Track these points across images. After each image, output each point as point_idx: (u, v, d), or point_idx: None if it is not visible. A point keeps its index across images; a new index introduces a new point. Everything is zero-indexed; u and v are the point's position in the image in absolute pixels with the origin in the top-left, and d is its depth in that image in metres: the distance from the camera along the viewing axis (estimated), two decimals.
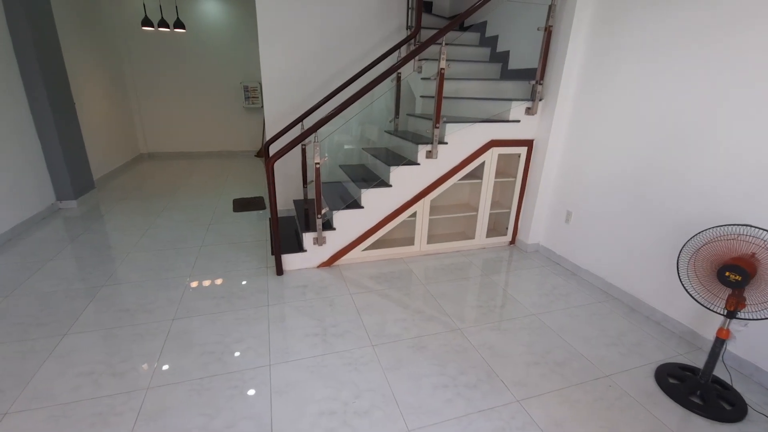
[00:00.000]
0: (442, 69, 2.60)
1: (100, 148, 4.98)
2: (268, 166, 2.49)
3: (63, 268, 2.77)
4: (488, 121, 2.88)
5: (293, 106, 3.56)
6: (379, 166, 3.06)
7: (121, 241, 3.25)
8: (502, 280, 2.77)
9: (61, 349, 1.94)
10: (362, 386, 1.75)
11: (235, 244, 3.22)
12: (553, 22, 2.71)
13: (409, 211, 2.94)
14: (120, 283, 2.58)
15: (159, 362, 1.87)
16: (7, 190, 3.23)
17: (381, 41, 3.62)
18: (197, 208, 4.12)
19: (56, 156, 3.77)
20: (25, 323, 2.13)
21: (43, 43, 3.57)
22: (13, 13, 3.29)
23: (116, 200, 4.32)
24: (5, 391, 1.66)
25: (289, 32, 3.35)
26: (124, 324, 2.16)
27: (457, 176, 2.96)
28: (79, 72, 4.54)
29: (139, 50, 5.97)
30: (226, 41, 6.26)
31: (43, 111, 3.60)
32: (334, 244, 2.85)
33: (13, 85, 3.38)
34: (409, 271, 2.86)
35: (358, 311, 2.34)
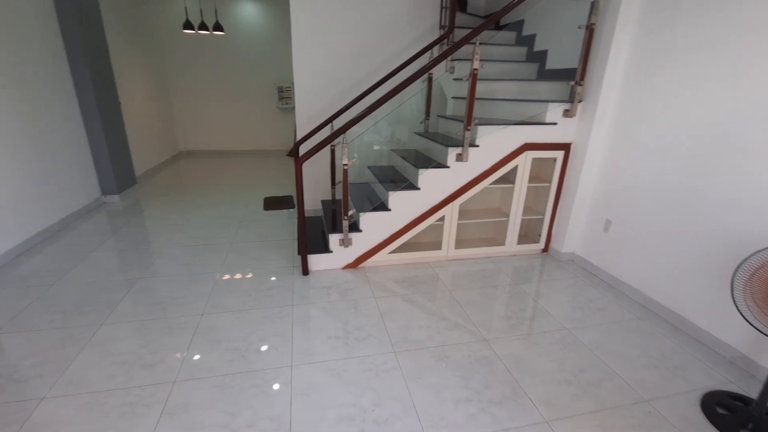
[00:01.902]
0: (476, 69, 2.52)
1: (142, 145, 5.24)
2: (297, 166, 2.50)
3: (104, 259, 2.91)
4: (522, 124, 2.77)
5: (324, 106, 3.58)
6: (407, 168, 3.02)
7: (158, 235, 3.39)
8: (533, 290, 2.65)
9: (98, 338, 2.03)
10: (383, 394, 1.72)
11: (264, 242, 3.28)
12: (595, 20, 2.56)
13: (437, 214, 2.88)
14: (155, 276, 2.68)
15: (186, 356, 1.92)
16: (58, 183, 3.44)
17: (413, 41, 3.57)
18: (229, 205, 4.24)
19: (102, 153, 3.99)
20: (67, 311, 2.26)
21: (92, 46, 3.79)
22: (65, 18, 3.51)
23: (156, 195, 4.51)
24: (44, 376, 1.76)
25: (321, 34, 3.36)
26: (157, 317, 2.23)
27: (488, 180, 2.86)
28: (124, 73, 4.78)
29: (180, 52, 6.23)
30: (262, 43, 6.41)
31: (90, 110, 3.82)
32: (360, 246, 2.83)
33: (65, 85, 3.60)
34: (435, 277, 2.80)
35: (382, 315, 2.31)
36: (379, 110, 2.64)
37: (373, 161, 3.81)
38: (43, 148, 3.27)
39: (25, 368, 1.81)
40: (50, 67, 3.39)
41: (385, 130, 3.87)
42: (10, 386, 1.70)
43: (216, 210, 4.07)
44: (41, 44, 3.29)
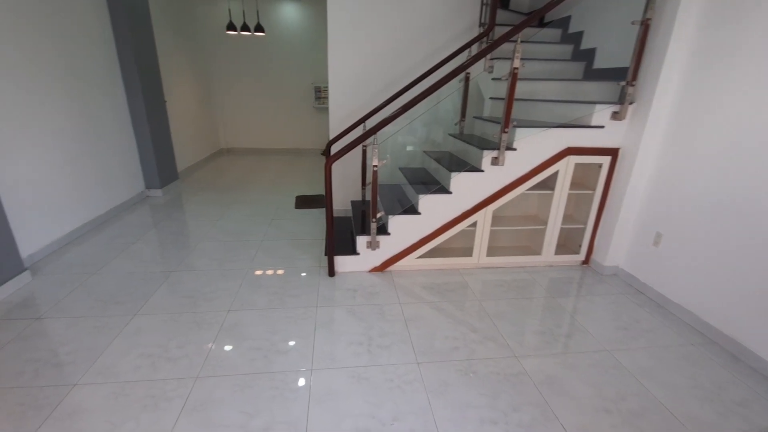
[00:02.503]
0: (516, 69, 2.39)
1: (185, 142, 5.46)
2: (327, 166, 2.47)
3: (143, 251, 3.04)
4: (565, 126, 2.59)
5: (358, 106, 3.55)
6: (440, 170, 2.92)
7: (194, 229, 3.50)
8: (571, 304, 2.47)
9: (130, 329, 2.10)
10: (403, 408, 1.64)
11: (294, 241, 3.29)
12: (652, 15, 2.34)
13: (469, 220, 2.76)
14: (188, 270, 2.75)
15: (210, 352, 1.94)
16: (106, 177, 3.64)
17: (450, 40, 3.46)
18: (263, 202, 4.31)
19: (147, 149, 4.18)
20: (105, 300, 2.36)
21: (141, 47, 3.98)
22: (118, 21, 3.70)
23: (195, 191, 4.69)
24: (78, 363, 1.83)
25: (358, 33, 3.33)
26: (186, 310, 2.28)
27: (526, 186, 2.71)
28: (170, 72, 5.00)
29: (223, 53, 6.45)
30: (301, 44, 6.51)
31: (138, 108, 4.02)
32: (388, 250, 2.77)
33: (116, 85, 3.80)
34: (464, 284, 2.68)
35: (407, 322, 2.23)
36: (412, 110, 2.57)
37: (406, 162, 3.74)
38: (94, 144, 3.47)
39: (62, 354, 1.90)
40: (103, 67, 3.59)
41: (419, 130, 3.78)
42: (47, 371, 1.78)
43: (250, 207, 4.15)
44: (95, 46, 3.49)
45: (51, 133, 2.97)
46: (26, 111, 2.73)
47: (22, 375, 1.75)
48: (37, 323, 2.13)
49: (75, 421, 1.53)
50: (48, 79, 2.93)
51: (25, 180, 2.71)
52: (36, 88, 2.82)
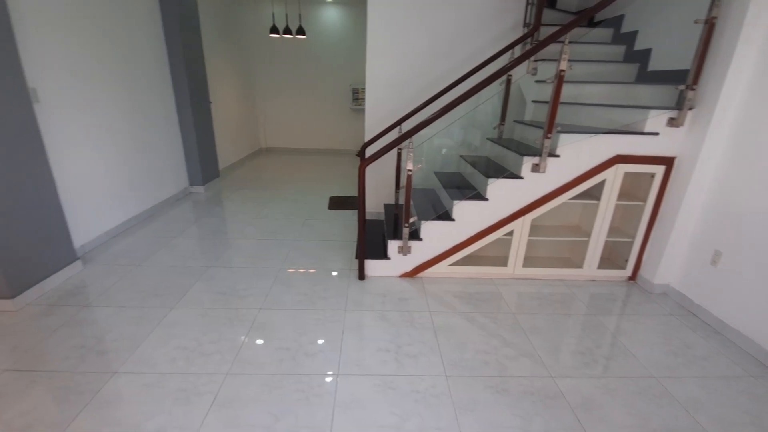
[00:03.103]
0: (562, 71, 2.26)
1: (227, 141, 5.67)
2: (360, 170, 2.46)
3: (184, 246, 3.16)
4: (614, 133, 2.43)
5: (394, 108, 3.52)
6: (476, 176, 2.83)
7: (232, 226, 3.61)
8: (614, 323, 2.31)
9: (167, 321, 2.18)
10: (429, 423, 1.58)
11: (326, 242, 3.31)
12: (717, 14, 2.14)
13: (506, 228, 2.65)
14: (224, 266, 2.84)
15: (241, 350, 1.97)
16: (153, 174, 3.84)
17: (493, 41, 3.35)
18: (298, 202, 4.39)
19: (192, 148, 4.37)
20: (146, 292, 2.47)
21: (190, 50, 4.16)
22: (169, 25, 3.89)
23: (235, 189, 4.85)
24: (119, 352, 1.92)
25: (396, 36, 3.30)
26: (219, 306, 2.35)
27: (568, 195, 2.56)
28: (215, 74, 5.21)
29: (265, 55, 6.65)
30: (340, 46, 6.58)
31: (185, 109, 4.21)
32: (420, 255, 2.72)
33: (165, 87, 4.00)
34: (498, 295, 2.58)
35: (436, 332, 2.17)
36: (450, 113, 2.50)
37: (441, 166, 3.66)
38: (144, 142, 3.66)
39: (106, 341, 2.00)
40: (154, 70, 3.79)
41: (456, 134, 3.70)
42: (92, 357, 1.88)
43: (285, 206, 4.23)
44: (148, 49, 3.68)
45: (107, 132, 3.16)
46: (86, 111, 2.92)
47: (68, 359, 1.86)
48: (86, 310, 2.26)
49: (112, 409, 1.60)
50: (106, 80, 3.12)
51: (81, 175, 2.90)
52: (95, 89, 3.01)
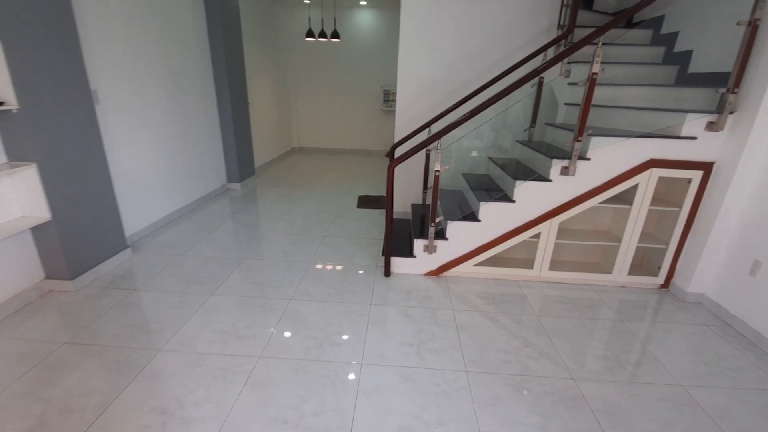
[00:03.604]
0: (595, 74, 2.25)
1: (263, 141, 5.92)
2: (389, 170, 2.54)
3: (222, 238, 3.37)
4: (649, 136, 2.38)
5: (425, 110, 3.58)
6: (504, 178, 2.84)
7: (265, 221, 3.79)
8: (643, 330, 2.27)
9: (207, 306, 2.35)
10: (448, 414, 1.64)
11: (353, 239, 3.42)
12: (761, 16, 2.06)
13: (532, 231, 2.65)
14: (259, 258, 3.00)
15: (273, 336, 2.10)
16: (196, 171, 4.09)
17: (526, 43, 3.34)
18: (328, 200, 4.53)
19: (230, 147, 4.62)
20: (188, 279, 2.66)
21: (232, 54, 4.40)
22: (213, 30, 4.14)
23: (269, 186, 5.06)
24: (163, 332, 2.10)
25: (428, 38, 3.37)
26: (255, 295, 2.50)
27: (598, 198, 2.53)
28: (253, 76, 5.46)
29: (301, 58, 6.88)
30: (373, 48, 6.71)
31: (225, 110, 4.45)
32: (445, 255, 2.76)
33: (208, 88, 4.25)
34: (522, 297, 2.58)
35: (458, 330, 2.21)
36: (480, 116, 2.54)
37: (470, 168, 3.68)
38: (188, 141, 3.92)
39: (152, 323, 2.19)
40: (199, 74, 4.04)
41: (486, 136, 3.71)
42: (141, 336, 2.07)
43: (315, 204, 4.38)
44: (194, 55, 3.94)
45: (155, 131, 3.41)
46: (137, 111, 3.18)
47: (119, 336, 2.06)
48: (134, 294, 2.47)
49: (158, 381, 1.76)
50: (156, 84, 3.38)
51: (133, 170, 3.16)
52: (146, 93, 3.26)
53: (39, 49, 2.11)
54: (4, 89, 1.97)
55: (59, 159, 2.28)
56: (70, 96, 2.32)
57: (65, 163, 2.32)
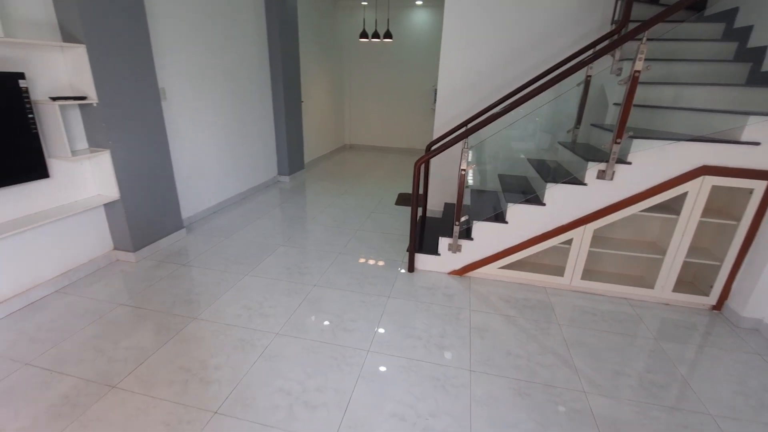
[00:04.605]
0: (637, 72, 2.10)
1: (314, 137, 6.22)
2: (415, 166, 2.58)
3: (264, 225, 3.64)
4: (701, 140, 2.16)
5: (465, 108, 3.56)
6: (538, 180, 2.74)
7: (307, 213, 4.02)
8: (679, 353, 2.07)
9: (240, 285, 2.58)
10: (442, 407, 1.66)
11: (385, 234, 3.50)
12: None
13: (564, 236, 2.53)
14: (293, 246, 3.20)
15: (292, 316, 2.26)
16: (250, 163, 4.45)
17: (576, 41, 3.18)
18: (368, 196, 4.66)
19: (282, 141, 4.94)
20: (229, 259, 2.93)
21: (288, 54, 4.70)
22: (272, 30, 4.45)
23: (316, 180, 5.33)
24: (200, 303, 2.35)
25: (472, 34, 3.34)
26: (283, 278, 2.68)
27: (639, 206, 2.35)
28: (308, 76, 5.76)
29: (355, 58, 7.12)
30: (425, 48, 6.72)
31: (280, 107, 4.77)
32: (470, 255, 2.74)
33: (264, 86, 4.59)
34: (547, 305, 2.48)
35: (471, 330, 2.20)
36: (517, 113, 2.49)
37: (508, 169, 3.58)
38: (244, 135, 4.27)
39: (193, 294, 2.46)
40: (257, 72, 4.39)
41: (527, 136, 3.58)
42: (181, 304, 2.34)
43: (356, 199, 4.54)
44: (253, 54, 4.28)
45: (214, 125, 3.78)
46: (198, 106, 3.55)
47: (164, 303, 2.34)
48: (183, 268, 2.78)
49: (188, 345, 1.99)
50: (217, 82, 3.74)
51: (192, 161, 3.54)
52: (206, 88, 3.63)
53: (116, 51, 2.47)
54: (87, 86, 2.34)
55: (128, 147, 2.65)
56: (140, 93, 2.68)
57: (133, 151, 2.69)
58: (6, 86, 1.94)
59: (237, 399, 1.67)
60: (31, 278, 2.30)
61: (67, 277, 2.48)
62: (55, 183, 2.36)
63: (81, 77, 2.34)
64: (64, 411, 1.59)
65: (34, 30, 2.16)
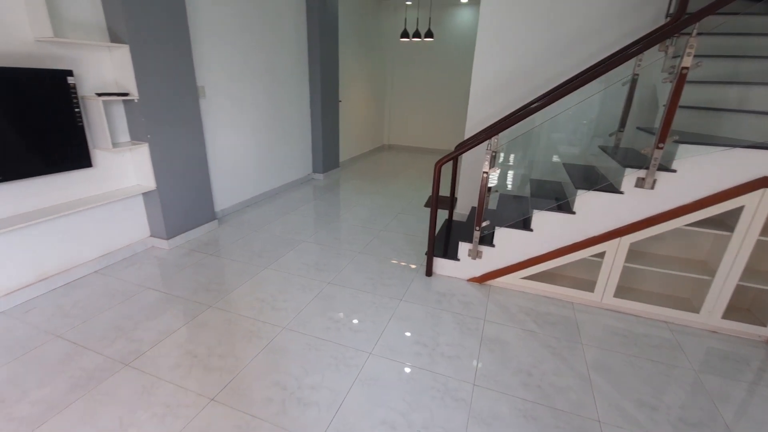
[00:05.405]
0: (684, 69, 1.87)
1: (351, 136, 6.28)
2: (436, 168, 2.50)
3: (291, 221, 3.72)
4: (763, 148, 1.88)
5: (498, 109, 3.40)
6: (570, 186, 2.55)
7: (334, 210, 4.06)
8: (723, 389, 1.82)
9: (258, 278, 2.65)
10: (437, 420, 1.58)
11: (408, 236, 3.44)
12: None
13: (595, 248, 2.33)
14: (315, 243, 3.24)
15: (302, 312, 2.28)
16: (284, 159, 4.58)
17: (624, 37, 2.92)
18: (399, 196, 4.61)
19: (318, 140, 5.04)
20: (253, 252, 3.03)
21: (327, 54, 4.78)
22: (312, 31, 4.55)
23: (349, 179, 5.37)
24: (219, 292, 2.44)
25: (509, 31, 3.18)
26: (300, 274, 2.72)
27: (685, 219, 2.10)
28: (347, 75, 5.82)
29: (395, 58, 7.10)
30: (466, 48, 6.53)
31: (317, 106, 4.87)
32: (491, 262, 2.60)
33: (303, 86, 4.70)
34: (572, 321, 2.29)
35: (483, 341, 2.08)
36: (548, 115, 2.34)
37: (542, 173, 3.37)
38: (280, 133, 4.41)
39: (213, 284, 2.56)
40: (295, 71, 4.51)
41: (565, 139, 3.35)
42: (201, 292, 2.44)
43: (386, 198, 4.51)
44: (292, 53, 4.40)
45: (251, 122, 3.93)
46: (236, 104, 3.71)
47: (188, 289, 2.46)
48: (210, 258, 2.91)
49: (200, 330, 2.07)
50: (253, 79, 3.89)
51: (228, 156, 3.70)
52: (244, 86, 3.78)
53: (157, 51, 2.63)
54: (129, 83, 2.52)
55: (165, 141, 2.82)
56: (178, 90, 2.84)
57: (170, 144, 2.86)
58: (55, 82, 2.14)
59: (234, 388, 1.71)
60: (74, 258, 2.52)
61: (105, 260, 2.69)
62: (98, 172, 2.57)
63: (124, 75, 2.52)
64: (80, 383, 1.71)
65: (84, 31, 2.36)
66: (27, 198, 2.23)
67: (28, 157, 2.12)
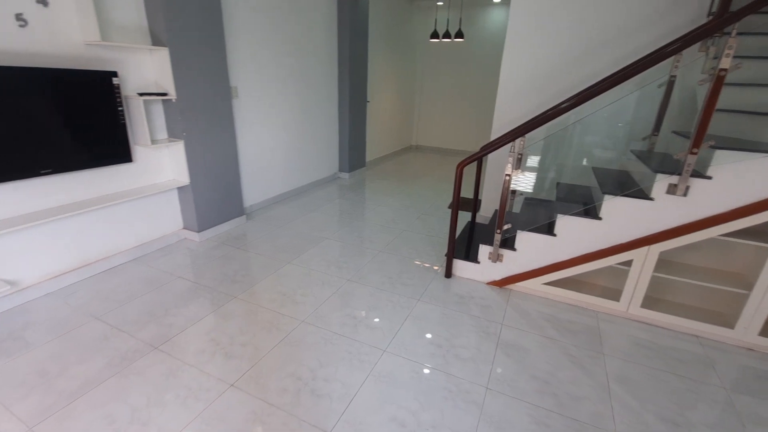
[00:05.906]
0: (723, 71, 1.78)
1: (378, 136, 6.33)
2: (458, 169, 2.50)
3: (316, 219, 3.81)
4: None
5: (526, 111, 3.33)
6: (598, 191, 2.47)
7: (358, 209, 4.12)
8: (758, 413, 1.71)
9: (280, 272, 2.74)
10: (447, 421, 1.58)
11: (430, 237, 3.44)
12: None
13: (622, 256, 2.25)
14: (337, 240, 3.31)
15: (320, 307, 2.34)
16: (312, 158, 4.69)
17: (662, 38, 2.79)
18: (423, 197, 4.61)
19: (345, 139, 5.12)
20: (276, 247, 3.13)
21: (356, 56, 4.85)
22: (343, 33, 4.63)
23: (374, 179, 5.42)
24: (243, 284, 2.55)
25: (539, 30, 3.11)
26: (320, 270, 2.79)
27: (720, 229, 1.99)
28: (376, 76, 5.87)
29: (425, 59, 7.09)
30: (496, 49, 6.41)
31: (344, 105, 4.95)
32: (512, 266, 2.57)
33: (332, 86, 4.80)
34: (595, 331, 2.22)
35: (499, 346, 2.06)
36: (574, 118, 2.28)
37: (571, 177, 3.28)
38: (308, 131, 4.52)
39: (238, 276, 2.67)
40: (325, 71, 4.60)
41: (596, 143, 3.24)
42: (227, 284, 2.56)
43: (409, 199, 4.52)
44: (322, 55, 4.50)
45: (280, 121, 4.06)
46: (266, 103, 3.84)
47: (215, 280, 2.58)
48: (237, 251, 3.04)
49: (224, 320, 2.17)
50: (284, 80, 4.01)
51: (258, 154, 3.84)
52: (275, 87, 3.91)
53: (194, 54, 2.78)
54: (168, 84, 2.68)
55: (199, 139, 2.96)
56: (213, 91, 2.98)
57: (203, 142, 3.00)
58: (102, 83, 2.30)
59: (252, 376, 1.78)
60: (114, 247, 2.71)
61: (141, 249, 2.87)
62: (137, 167, 2.74)
63: (164, 76, 2.68)
64: (114, 362, 1.84)
65: (127, 34, 2.53)
66: (73, 189, 2.41)
67: (75, 151, 2.29)
